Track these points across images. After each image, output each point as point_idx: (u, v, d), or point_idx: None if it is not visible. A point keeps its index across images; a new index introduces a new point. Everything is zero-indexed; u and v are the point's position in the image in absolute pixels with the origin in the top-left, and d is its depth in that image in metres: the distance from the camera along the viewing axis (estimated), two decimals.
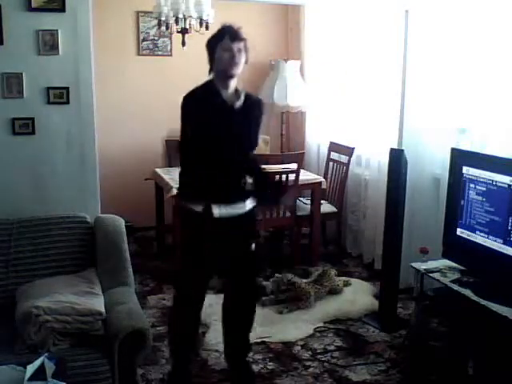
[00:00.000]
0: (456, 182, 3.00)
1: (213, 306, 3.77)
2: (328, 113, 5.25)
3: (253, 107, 2.70)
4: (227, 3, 4.93)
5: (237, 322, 2.94)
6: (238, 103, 2.62)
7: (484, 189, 2.82)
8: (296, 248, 4.63)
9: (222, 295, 4.07)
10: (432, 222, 3.72)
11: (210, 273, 2.83)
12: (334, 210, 4.75)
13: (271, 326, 3.53)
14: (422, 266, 3.07)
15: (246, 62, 2.60)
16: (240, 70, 2.58)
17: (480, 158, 2.94)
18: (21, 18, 2.97)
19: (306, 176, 4.61)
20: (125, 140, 5.36)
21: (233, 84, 2.62)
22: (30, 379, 1.89)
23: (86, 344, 2.38)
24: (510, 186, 2.67)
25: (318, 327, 3.56)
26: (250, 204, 2.74)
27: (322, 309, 3.77)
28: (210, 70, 2.63)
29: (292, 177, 4.27)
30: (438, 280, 2.95)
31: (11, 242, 2.81)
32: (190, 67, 5.45)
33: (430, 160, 3.87)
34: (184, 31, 4.26)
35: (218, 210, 2.61)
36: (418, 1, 3.72)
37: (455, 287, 2.82)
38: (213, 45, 2.59)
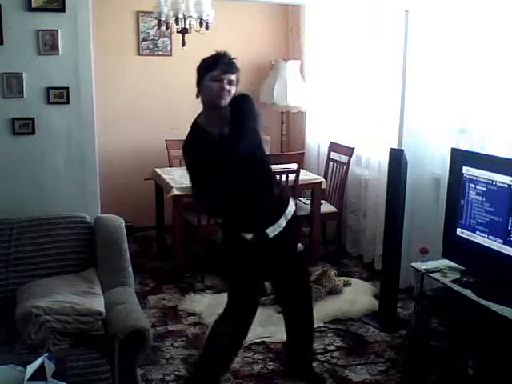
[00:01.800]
0: (456, 182, 3.00)
1: (213, 305, 3.78)
2: (328, 113, 5.25)
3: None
4: (227, 3, 4.94)
5: (298, 322, 2.98)
6: (222, 129, 2.53)
7: (484, 189, 2.82)
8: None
9: (221, 295, 4.09)
10: (432, 222, 3.72)
11: (262, 280, 2.92)
12: (334, 210, 4.75)
13: (271, 326, 3.53)
14: (422, 266, 3.07)
15: (235, 90, 2.57)
16: (227, 102, 2.53)
17: (480, 158, 2.94)
18: (21, 17, 2.97)
19: (305, 176, 4.61)
20: (125, 140, 5.35)
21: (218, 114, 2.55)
22: (30, 379, 1.89)
23: (86, 344, 2.38)
24: (510, 185, 2.67)
25: (317, 327, 3.55)
26: (289, 213, 2.71)
27: (322, 309, 3.76)
28: (197, 95, 2.60)
29: (292, 177, 4.27)
30: (437, 280, 2.95)
31: (11, 242, 2.81)
32: (190, 67, 5.44)
33: (430, 160, 3.87)
34: (184, 31, 4.26)
35: (270, 232, 2.63)
36: (418, 1, 3.72)
37: (455, 287, 2.82)
38: (202, 71, 2.55)
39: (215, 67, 2.51)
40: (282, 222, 2.66)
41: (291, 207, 2.75)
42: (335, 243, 4.91)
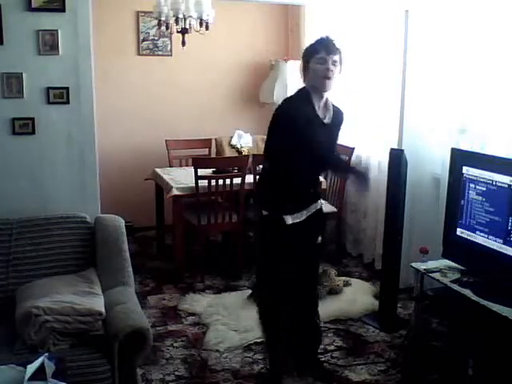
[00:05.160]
0: (456, 182, 3.00)
1: (213, 306, 3.79)
2: None
3: (337, 119, 2.81)
4: (227, 3, 4.94)
5: (304, 317, 3.05)
6: (328, 118, 2.73)
7: (484, 189, 2.82)
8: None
9: (221, 295, 4.09)
10: (432, 222, 3.72)
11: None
12: (334, 209, 4.75)
13: None
14: (422, 266, 3.07)
15: (340, 72, 2.69)
16: (334, 83, 2.65)
17: (480, 158, 2.94)
18: (21, 17, 2.97)
19: None
20: (125, 140, 5.36)
21: (325, 95, 2.70)
22: (30, 379, 1.89)
23: (86, 344, 2.38)
24: (510, 185, 2.67)
25: None
26: (313, 208, 2.86)
27: (322, 309, 3.75)
28: (304, 80, 2.72)
29: None
30: (437, 280, 2.95)
31: (11, 242, 2.81)
32: (190, 67, 5.50)
33: (430, 160, 3.87)
34: (184, 31, 4.26)
35: (293, 217, 2.75)
36: (418, 1, 3.72)
37: (455, 287, 2.82)
38: (307, 56, 2.66)
39: (319, 50, 2.61)
40: (302, 215, 2.79)
41: (318, 204, 2.90)
42: (335, 243, 4.90)
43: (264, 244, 2.88)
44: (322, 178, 4.58)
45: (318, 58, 2.61)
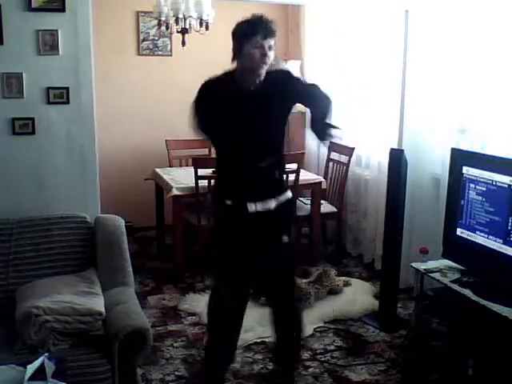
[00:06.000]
0: (456, 182, 3.00)
1: None
2: None
3: (276, 83, 2.54)
4: (227, 3, 4.94)
5: (283, 324, 2.77)
6: (254, 85, 2.49)
7: (484, 189, 2.82)
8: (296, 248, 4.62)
9: None
10: (432, 222, 3.72)
11: (248, 270, 2.64)
12: (334, 210, 4.75)
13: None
14: (422, 266, 3.07)
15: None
16: (267, 67, 2.48)
17: (480, 158, 2.94)
18: (21, 18, 2.96)
19: (305, 176, 4.61)
20: (125, 140, 5.36)
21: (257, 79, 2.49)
22: (30, 379, 1.89)
23: (86, 344, 2.38)
24: (510, 185, 2.67)
25: (317, 327, 3.56)
26: (284, 198, 2.60)
27: (322, 309, 3.77)
28: (233, 60, 2.50)
29: (292, 177, 4.26)
30: (437, 280, 2.95)
31: (11, 242, 2.81)
32: (190, 67, 5.49)
33: (430, 160, 3.87)
34: (184, 31, 4.26)
35: (252, 206, 2.50)
36: (418, 1, 3.72)
37: (455, 287, 2.82)
38: (241, 38, 2.44)
39: (256, 33, 2.41)
40: (271, 203, 2.54)
41: (287, 194, 2.64)
42: (335, 243, 4.90)
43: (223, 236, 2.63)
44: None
45: (255, 42, 2.40)
